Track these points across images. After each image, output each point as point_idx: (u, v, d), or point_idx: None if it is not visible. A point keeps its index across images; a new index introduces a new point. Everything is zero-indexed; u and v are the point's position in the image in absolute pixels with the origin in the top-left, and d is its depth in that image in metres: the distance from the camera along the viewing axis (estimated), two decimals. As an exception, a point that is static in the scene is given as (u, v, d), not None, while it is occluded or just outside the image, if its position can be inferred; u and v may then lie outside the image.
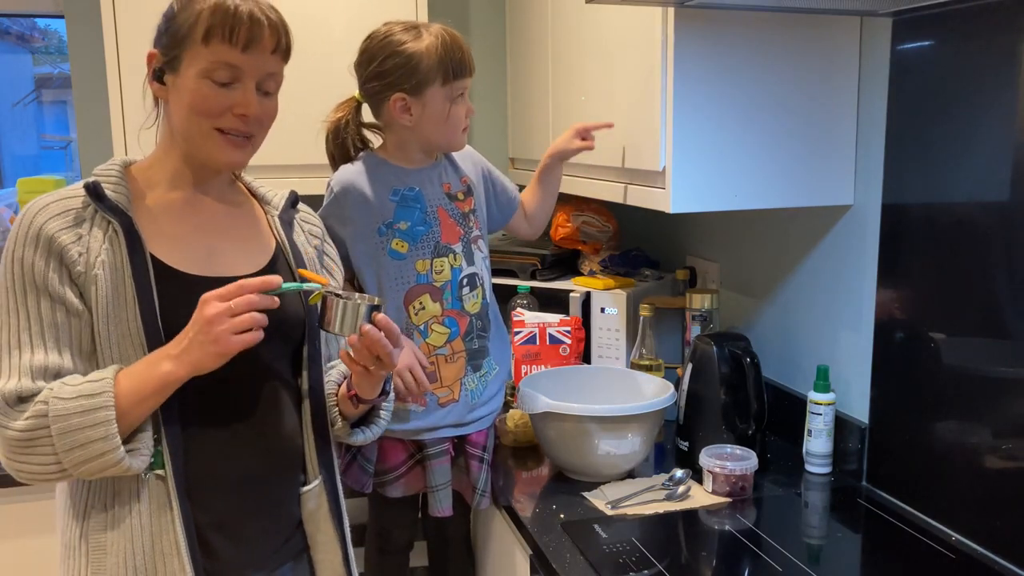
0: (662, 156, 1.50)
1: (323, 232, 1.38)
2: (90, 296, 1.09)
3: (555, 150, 1.75)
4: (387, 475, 1.63)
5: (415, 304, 1.60)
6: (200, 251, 1.18)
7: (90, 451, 1.04)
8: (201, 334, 1.05)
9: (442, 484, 1.64)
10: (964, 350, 1.36)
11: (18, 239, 1.09)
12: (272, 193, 1.33)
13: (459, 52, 1.53)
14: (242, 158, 1.18)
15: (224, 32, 1.10)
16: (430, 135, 1.58)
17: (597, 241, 2.26)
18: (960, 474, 1.37)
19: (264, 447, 1.18)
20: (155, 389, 1.07)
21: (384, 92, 1.54)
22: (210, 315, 1.04)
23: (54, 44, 5.62)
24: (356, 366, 1.20)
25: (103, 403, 1.04)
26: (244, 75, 1.13)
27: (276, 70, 1.18)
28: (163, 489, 1.10)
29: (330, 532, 1.26)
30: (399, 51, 1.51)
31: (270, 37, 1.13)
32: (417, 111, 1.54)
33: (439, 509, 1.64)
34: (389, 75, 1.53)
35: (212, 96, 1.12)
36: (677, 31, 1.44)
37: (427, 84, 1.52)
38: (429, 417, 1.62)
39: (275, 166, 1.90)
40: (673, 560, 1.32)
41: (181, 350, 1.06)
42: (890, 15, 1.46)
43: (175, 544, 1.10)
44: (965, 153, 1.35)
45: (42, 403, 1.04)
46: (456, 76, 1.53)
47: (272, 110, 1.19)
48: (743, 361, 1.64)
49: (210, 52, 1.11)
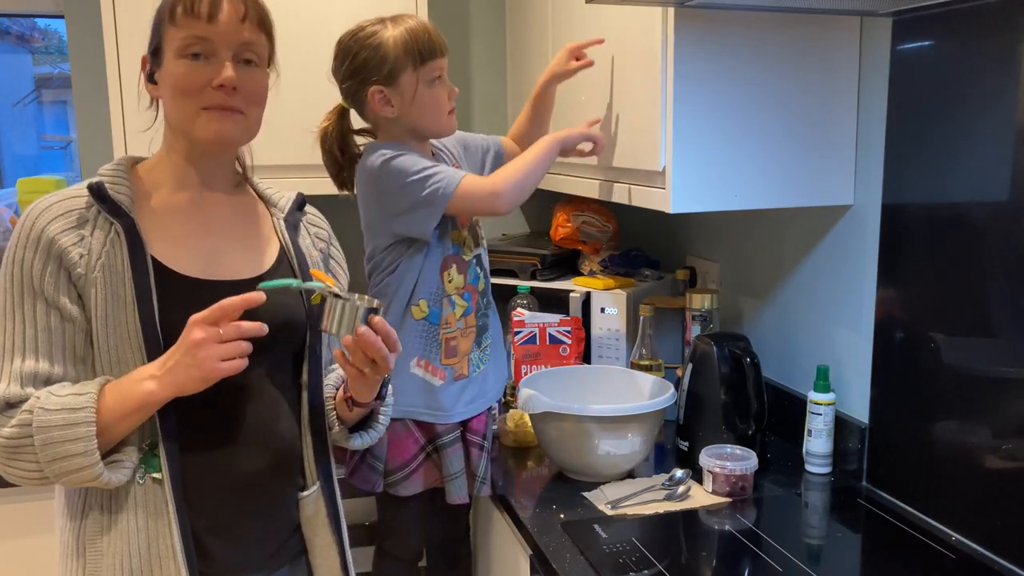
0: (662, 156, 1.50)
1: (330, 235, 1.37)
2: (89, 298, 1.09)
3: (551, 73, 1.77)
4: (398, 472, 1.62)
5: (448, 273, 1.62)
6: (202, 253, 1.18)
7: (69, 464, 1.05)
8: (187, 357, 1.05)
9: (458, 472, 1.63)
10: (964, 350, 1.36)
11: (19, 240, 1.09)
12: (279, 195, 1.32)
13: (425, 34, 1.53)
14: (232, 130, 1.16)
15: (187, 6, 1.11)
16: (416, 122, 1.58)
17: (597, 241, 2.26)
18: (960, 474, 1.37)
19: (262, 451, 1.18)
20: (137, 407, 1.07)
21: (362, 88, 1.55)
22: (196, 339, 1.04)
23: (54, 44, 5.62)
24: (351, 368, 1.19)
25: (84, 418, 1.04)
26: (216, 46, 1.12)
27: (251, 39, 1.15)
28: (160, 492, 1.10)
29: (328, 538, 1.25)
30: (367, 44, 1.53)
31: (233, 4, 1.12)
32: (396, 100, 1.54)
33: (457, 497, 1.63)
34: (361, 70, 1.54)
35: (190, 72, 1.12)
36: (677, 31, 1.44)
37: (399, 71, 1.52)
38: (450, 390, 1.62)
39: (281, 166, 1.90)
40: (673, 560, 1.32)
41: (165, 371, 1.06)
42: (890, 15, 1.46)
43: (171, 547, 1.09)
44: (965, 153, 1.35)
45: (27, 412, 1.05)
46: (426, 58, 1.53)
47: (257, 82, 1.17)
48: (743, 361, 1.64)
49: (180, 29, 1.12)
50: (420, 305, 1.59)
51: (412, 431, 1.62)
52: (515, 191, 1.55)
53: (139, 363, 1.09)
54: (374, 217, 1.59)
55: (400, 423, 1.60)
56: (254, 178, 1.32)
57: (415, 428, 1.62)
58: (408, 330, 1.59)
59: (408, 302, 1.59)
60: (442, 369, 1.62)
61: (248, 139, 1.21)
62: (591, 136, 1.68)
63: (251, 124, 1.18)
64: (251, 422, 1.16)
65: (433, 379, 1.61)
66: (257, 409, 1.17)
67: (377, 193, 1.55)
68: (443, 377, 1.62)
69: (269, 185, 1.33)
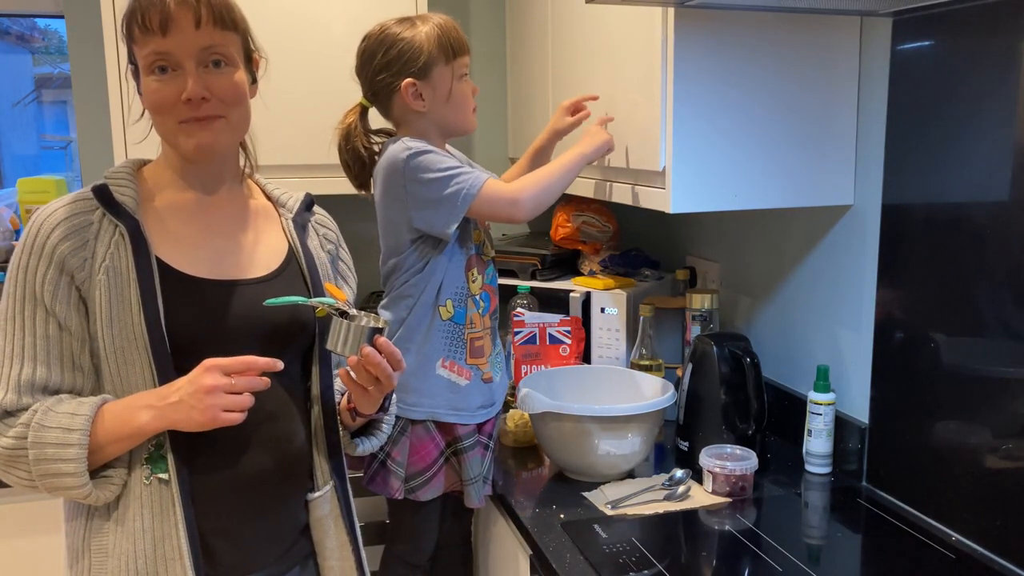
0: (662, 156, 1.50)
1: (338, 237, 1.37)
2: (93, 301, 1.09)
3: (551, 130, 1.80)
4: (418, 478, 1.61)
5: (472, 272, 1.62)
6: (209, 253, 1.17)
7: (59, 482, 1.06)
8: (193, 398, 1.05)
9: (477, 476, 1.63)
10: (964, 350, 1.36)
11: (24, 245, 1.10)
12: (287, 195, 1.31)
13: (455, 30, 1.57)
14: (213, 139, 1.14)
15: (139, 23, 1.09)
16: (444, 117, 1.59)
17: (597, 241, 2.26)
18: (960, 474, 1.37)
19: (269, 451, 1.17)
20: (130, 434, 1.08)
21: (394, 82, 1.55)
22: (208, 386, 1.04)
23: (54, 44, 5.61)
24: (355, 386, 1.19)
25: (77, 440, 1.05)
26: (178, 58, 1.10)
27: (212, 42, 1.11)
28: (166, 493, 1.10)
29: (342, 538, 1.25)
30: (400, 38, 1.54)
31: (185, 13, 1.08)
32: (428, 94, 1.56)
33: (476, 501, 1.63)
34: (395, 63, 1.54)
35: (158, 90, 1.11)
36: (677, 31, 1.44)
37: (433, 64, 1.54)
38: (476, 391, 1.63)
39: (287, 166, 1.90)
40: (673, 560, 1.32)
41: (166, 404, 1.06)
42: (890, 15, 1.46)
43: (177, 549, 1.09)
44: (965, 153, 1.35)
45: (23, 425, 1.06)
46: (457, 54, 1.56)
47: (229, 82, 1.13)
48: (743, 361, 1.64)
49: (140, 47, 1.10)
50: (447, 306, 1.59)
51: (433, 435, 1.61)
52: (535, 201, 1.56)
53: (145, 365, 1.09)
54: (395, 212, 1.56)
55: (422, 426, 1.60)
56: (261, 179, 1.31)
57: (436, 431, 1.62)
58: (434, 331, 1.59)
59: (435, 303, 1.58)
60: (468, 369, 1.62)
61: (237, 138, 1.20)
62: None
63: (236, 123, 1.17)
64: (259, 423, 1.16)
65: (459, 379, 1.61)
66: (265, 410, 1.16)
67: (402, 184, 1.53)
68: (468, 377, 1.62)
69: (277, 185, 1.32)
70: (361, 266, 1.46)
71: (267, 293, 1.15)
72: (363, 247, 1.62)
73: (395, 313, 1.59)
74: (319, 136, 1.69)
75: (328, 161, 1.71)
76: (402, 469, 1.60)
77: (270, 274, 1.20)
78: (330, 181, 1.70)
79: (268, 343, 1.16)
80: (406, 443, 1.59)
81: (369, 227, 1.63)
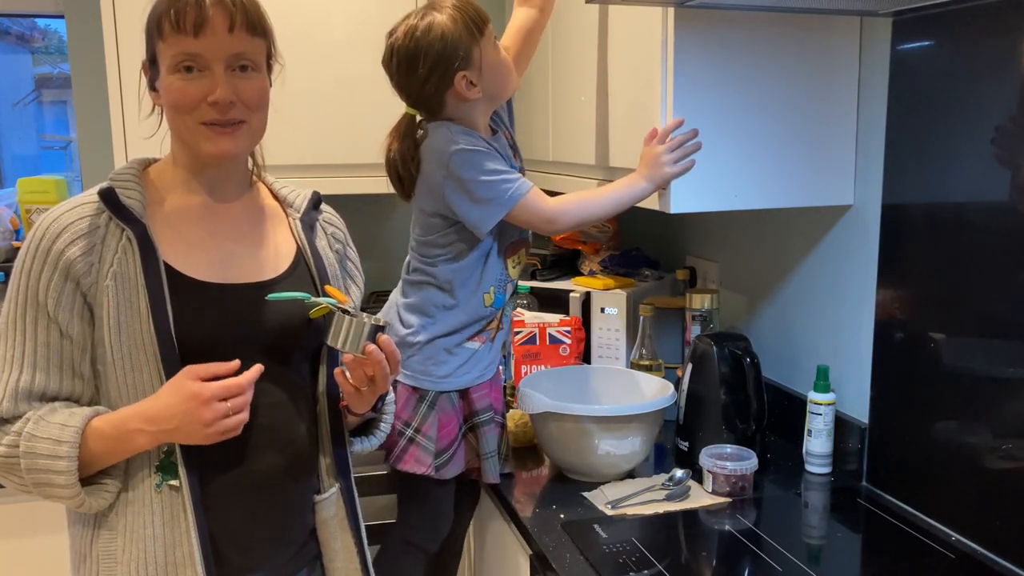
0: (662, 156, 1.50)
1: (345, 236, 1.35)
2: (101, 307, 1.08)
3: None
4: (443, 455, 1.61)
5: (515, 258, 1.63)
6: (217, 257, 1.16)
7: (52, 491, 1.07)
8: (191, 427, 1.05)
9: (492, 451, 1.64)
10: (964, 350, 1.36)
11: (29, 250, 1.09)
12: (295, 194, 1.29)
13: (470, 5, 1.52)
14: (233, 146, 1.13)
15: (172, 21, 1.07)
16: (496, 90, 1.57)
17: (597, 241, 2.26)
18: (960, 474, 1.37)
19: (278, 453, 1.17)
20: (122, 449, 1.08)
21: (444, 80, 1.51)
22: (207, 419, 1.04)
23: (54, 44, 5.61)
24: (348, 386, 1.18)
25: (67, 453, 1.05)
26: (207, 61, 1.09)
27: (243, 48, 1.11)
28: (177, 499, 1.10)
29: (347, 540, 1.25)
30: (431, 38, 1.49)
31: (220, 16, 1.08)
32: (477, 78, 1.52)
33: (491, 476, 1.63)
34: (439, 66, 1.50)
35: (183, 88, 1.10)
36: (677, 31, 1.44)
37: (471, 48, 1.50)
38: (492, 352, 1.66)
39: (293, 166, 1.90)
40: (673, 560, 1.32)
41: (160, 431, 1.06)
42: (890, 15, 1.47)
43: (188, 554, 1.09)
44: (965, 153, 1.35)
45: (16, 434, 1.06)
46: (481, 26, 1.52)
47: (255, 88, 1.13)
48: (743, 361, 1.64)
49: (168, 45, 1.09)
50: (490, 292, 1.61)
51: (458, 409, 1.62)
52: (571, 225, 1.58)
53: (153, 371, 1.09)
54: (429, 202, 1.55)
55: (446, 398, 1.60)
56: (269, 178, 1.30)
57: (460, 403, 1.62)
58: (474, 316, 1.60)
59: (478, 290, 1.59)
60: (484, 335, 1.64)
61: (254, 144, 1.20)
62: (671, 178, 1.52)
63: (255, 130, 1.16)
64: (267, 424, 1.15)
65: (478, 346, 1.63)
66: (273, 412, 1.16)
67: (443, 175, 1.51)
68: (483, 341, 1.64)
69: (285, 184, 1.31)
70: (367, 266, 1.45)
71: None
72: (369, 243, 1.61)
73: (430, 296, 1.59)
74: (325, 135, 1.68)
75: (334, 161, 1.70)
76: (432, 444, 1.59)
77: (279, 276, 1.19)
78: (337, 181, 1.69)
79: (277, 345, 1.16)
80: (435, 418, 1.59)
81: (377, 227, 1.63)
